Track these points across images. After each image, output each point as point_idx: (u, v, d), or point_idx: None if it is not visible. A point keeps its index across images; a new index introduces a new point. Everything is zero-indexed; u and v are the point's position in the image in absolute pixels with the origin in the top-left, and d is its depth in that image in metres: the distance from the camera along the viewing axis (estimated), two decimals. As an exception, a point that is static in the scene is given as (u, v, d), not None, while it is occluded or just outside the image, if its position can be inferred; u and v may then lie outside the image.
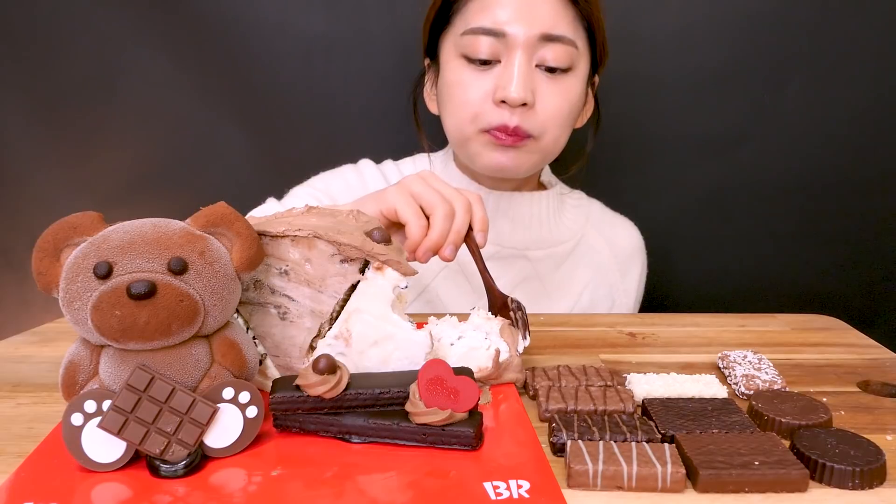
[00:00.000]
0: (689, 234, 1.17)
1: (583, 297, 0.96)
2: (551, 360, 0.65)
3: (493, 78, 0.82)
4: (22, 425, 0.53)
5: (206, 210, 0.50)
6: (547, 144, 0.85)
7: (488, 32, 0.81)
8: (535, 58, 0.82)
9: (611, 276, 0.98)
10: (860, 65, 1.08)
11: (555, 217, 0.96)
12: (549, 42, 0.81)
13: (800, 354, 0.68)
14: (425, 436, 0.48)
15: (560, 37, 0.81)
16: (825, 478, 0.44)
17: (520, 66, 0.80)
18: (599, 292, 0.97)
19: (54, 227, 0.47)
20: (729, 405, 0.53)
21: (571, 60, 0.82)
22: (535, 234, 0.94)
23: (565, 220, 0.97)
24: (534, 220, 0.94)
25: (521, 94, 0.79)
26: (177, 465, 0.44)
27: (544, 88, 0.82)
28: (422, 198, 0.68)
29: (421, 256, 0.67)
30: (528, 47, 0.81)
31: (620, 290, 0.99)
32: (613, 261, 0.99)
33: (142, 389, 0.44)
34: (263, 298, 0.55)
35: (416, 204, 0.68)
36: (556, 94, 0.83)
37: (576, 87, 0.85)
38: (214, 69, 1.09)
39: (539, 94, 0.82)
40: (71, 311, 0.45)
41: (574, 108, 0.86)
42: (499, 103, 0.81)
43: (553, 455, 0.48)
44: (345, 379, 0.49)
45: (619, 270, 0.99)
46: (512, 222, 0.93)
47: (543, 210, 0.95)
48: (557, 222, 0.96)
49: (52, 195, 1.12)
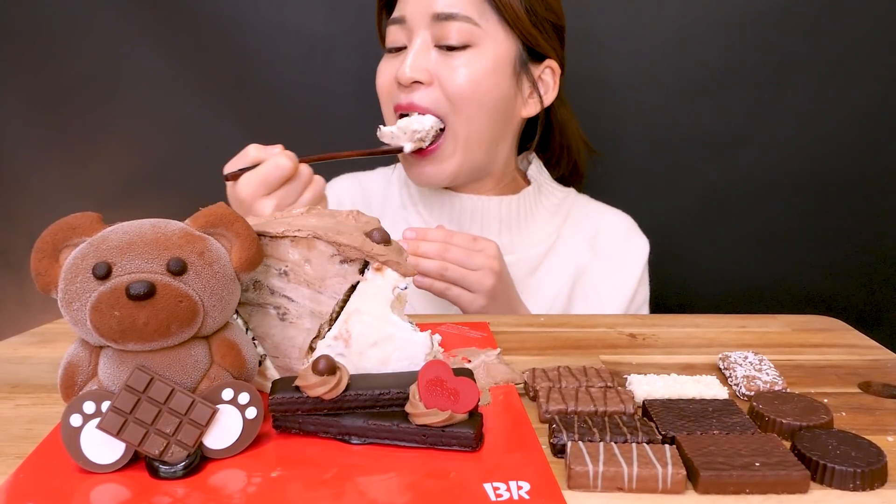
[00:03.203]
0: (689, 234, 1.17)
1: (558, 301, 0.94)
2: (551, 361, 0.64)
3: (400, 61, 0.86)
4: (21, 426, 0.53)
5: (205, 210, 0.50)
6: (457, 133, 0.85)
7: (395, 21, 0.86)
8: (433, 38, 0.84)
9: (592, 275, 0.96)
10: (861, 65, 1.08)
11: (526, 220, 0.94)
12: (444, 21, 0.83)
13: (801, 355, 0.68)
14: (425, 437, 0.48)
15: (453, 14, 0.82)
16: (826, 479, 0.44)
17: (416, 46, 0.84)
18: (579, 292, 0.95)
19: (53, 228, 0.47)
20: (729, 406, 0.52)
21: (470, 38, 0.83)
22: (505, 239, 0.93)
23: (538, 223, 0.95)
24: (502, 224, 0.93)
25: (411, 73, 0.83)
26: (176, 466, 0.44)
27: (444, 65, 0.84)
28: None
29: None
30: (425, 28, 0.84)
31: (605, 286, 0.96)
32: (594, 259, 0.96)
33: (141, 390, 0.44)
34: (263, 299, 0.55)
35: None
36: (455, 69, 0.84)
37: (478, 63, 0.84)
38: (214, 70, 1.09)
39: (439, 73, 0.84)
40: (70, 312, 0.45)
41: (479, 86, 0.84)
42: (398, 85, 0.85)
43: (553, 456, 0.48)
44: (344, 380, 0.49)
45: (601, 268, 0.96)
46: (480, 228, 0.93)
47: (513, 213, 0.94)
48: (528, 225, 0.95)
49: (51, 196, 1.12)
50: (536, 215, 0.95)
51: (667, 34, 1.08)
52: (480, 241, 0.81)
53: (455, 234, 0.80)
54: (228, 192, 0.77)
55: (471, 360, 0.63)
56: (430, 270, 0.79)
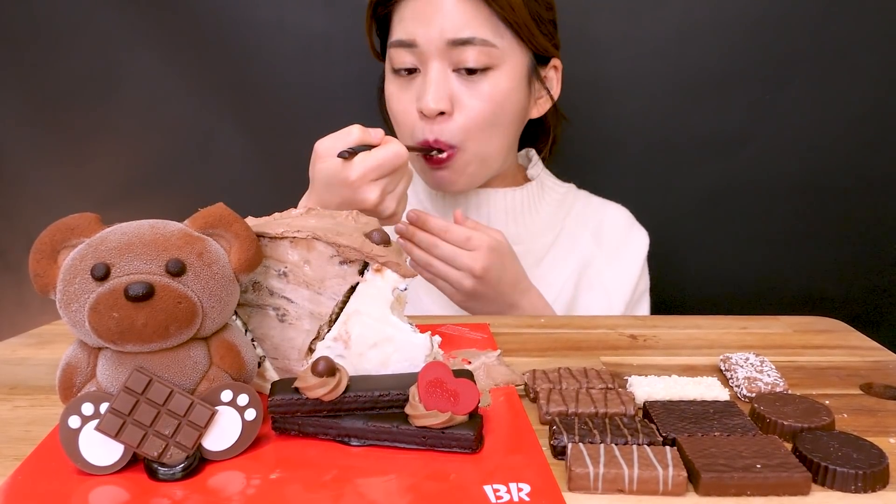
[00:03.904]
0: (690, 235, 1.17)
1: (565, 291, 0.95)
2: (552, 363, 0.64)
3: (416, 88, 0.84)
4: (19, 428, 0.52)
5: (204, 211, 0.50)
6: (475, 152, 0.86)
7: (403, 44, 0.84)
8: (451, 63, 0.82)
9: (596, 267, 0.97)
10: (862, 65, 1.08)
11: (530, 212, 0.95)
12: (460, 46, 0.81)
13: (802, 357, 0.68)
14: (425, 438, 0.48)
15: (470, 39, 0.81)
16: (827, 481, 0.44)
17: (434, 74, 0.82)
18: (584, 283, 0.96)
19: (51, 229, 0.47)
20: (731, 408, 0.52)
21: (489, 60, 0.82)
22: (511, 230, 0.94)
23: (543, 215, 0.96)
24: (508, 216, 0.94)
25: (436, 104, 0.81)
26: (175, 468, 0.44)
27: (464, 91, 0.83)
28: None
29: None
30: (441, 54, 0.82)
31: (609, 278, 0.97)
32: (598, 251, 0.98)
33: (139, 392, 0.44)
34: (262, 300, 0.55)
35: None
36: (477, 96, 0.83)
37: (500, 85, 0.84)
38: (213, 70, 1.09)
39: (458, 100, 0.83)
40: (68, 313, 0.45)
41: (501, 107, 0.85)
42: (420, 115, 0.84)
43: (553, 458, 0.48)
44: (344, 381, 0.49)
45: (605, 260, 0.97)
46: (486, 221, 0.93)
47: (518, 205, 0.95)
48: (533, 217, 0.96)
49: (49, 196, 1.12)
50: (541, 208, 0.97)
51: (667, 35, 1.08)
52: (474, 240, 0.78)
53: (451, 229, 0.79)
54: (330, 170, 0.72)
55: (471, 362, 0.62)
56: (417, 260, 0.80)
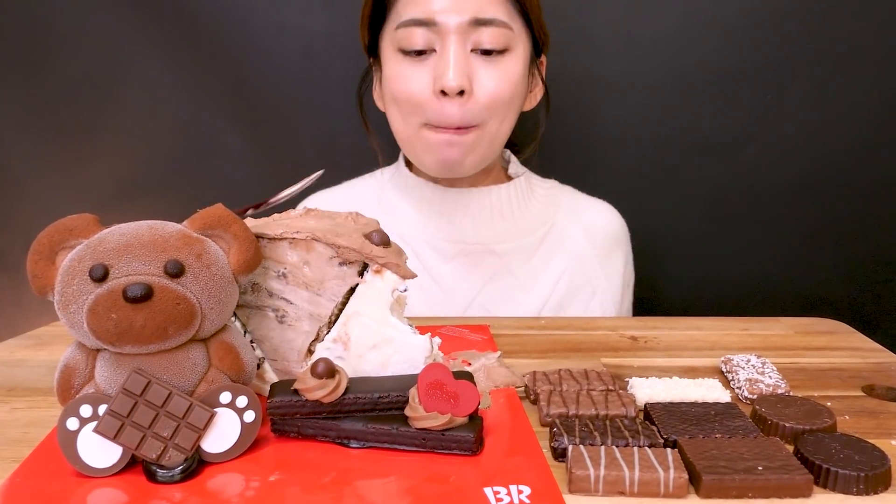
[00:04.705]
0: (690, 236, 1.17)
1: (559, 287, 0.94)
2: (552, 364, 0.64)
3: (431, 68, 0.83)
4: (17, 430, 0.52)
5: (203, 212, 0.49)
6: (491, 131, 0.85)
7: (420, 23, 0.82)
8: (469, 42, 0.82)
9: (588, 263, 0.96)
10: (862, 66, 1.08)
11: (519, 208, 0.95)
12: (481, 26, 0.81)
13: (803, 358, 0.68)
14: (425, 440, 0.47)
15: (491, 20, 0.81)
16: (829, 483, 0.44)
17: (455, 52, 0.81)
18: (576, 280, 0.95)
19: (50, 230, 0.47)
20: (732, 409, 0.52)
21: (507, 42, 0.82)
22: (500, 227, 0.93)
23: (532, 210, 0.96)
24: (496, 213, 0.93)
25: (458, 81, 0.80)
26: (173, 470, 0.44)
27: (482, 72, 0.82)
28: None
29: None
30: (461, 33, 0.81)
31: (601, 276, 0.96)
32: (589, 246, 0.97)
33: (138, 394, 0.44)
34: (261, 301, 0.55)
35: None
36: (495, 76, 0.83)
37: (515, 67, 0.84)
38: (212, 70, 1.09)
39: (477, 79, 0.82)
40: (66, 315, 0.44)
41: (515, 90, 0.85)
42: (438, 94, 0.82)
43: (554, 460, 0.48)
44: (343, 383, 0.48)
45: (596, 256, 0.97)
46: (474, 219, 0.92)
47: (505, 202, 0.94)
48: (523, 212, 0.95)
49: (47, 197, 1.12)
50: (530, 204, 0.96)
51: (667, 35, 1.08)
52: None
53: None
54: None
55: (471, 363, 0.62)
56: None
